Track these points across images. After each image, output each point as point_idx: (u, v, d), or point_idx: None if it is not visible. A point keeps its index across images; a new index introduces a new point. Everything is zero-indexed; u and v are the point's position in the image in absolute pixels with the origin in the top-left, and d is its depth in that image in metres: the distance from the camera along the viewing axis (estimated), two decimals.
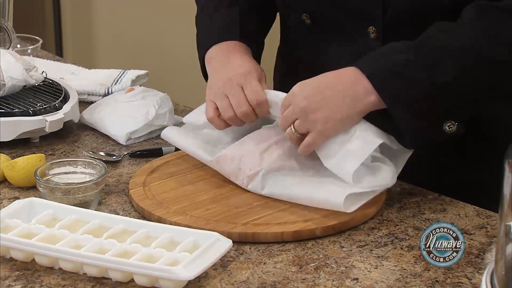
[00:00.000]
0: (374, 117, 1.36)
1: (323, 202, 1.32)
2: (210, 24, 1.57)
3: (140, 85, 1.80)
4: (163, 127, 1.65)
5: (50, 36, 3.66)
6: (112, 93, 1.79)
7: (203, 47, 1.55)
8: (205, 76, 1.54)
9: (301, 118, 1.35)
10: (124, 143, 1.61)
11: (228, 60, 1.49)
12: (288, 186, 1.36)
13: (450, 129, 1.35)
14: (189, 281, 1.14)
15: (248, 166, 1.38)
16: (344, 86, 1.35)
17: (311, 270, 1.20)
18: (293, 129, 1.36)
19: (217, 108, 1.44)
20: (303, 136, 1.36)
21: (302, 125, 1.35)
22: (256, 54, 1.56)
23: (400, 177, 1.40)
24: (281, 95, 1.40)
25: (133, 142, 1.62)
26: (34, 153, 1.53)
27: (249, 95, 1.42)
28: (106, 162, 1.47)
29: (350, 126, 1.35)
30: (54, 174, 1.39)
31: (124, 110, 1.66)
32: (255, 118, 1.44)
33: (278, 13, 1.64)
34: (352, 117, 1.35)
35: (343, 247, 1.26)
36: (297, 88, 1.37)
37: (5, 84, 1.60)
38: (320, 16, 1.50)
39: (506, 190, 0.94)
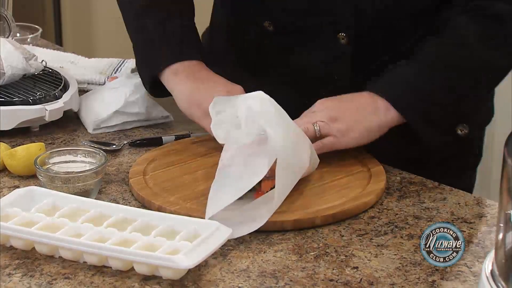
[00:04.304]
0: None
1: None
2: (165, 34, 1.54)
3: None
4: (138, 116, 1.62)
5: (50, 25, 3.65)
6: None
7: (165, 60, 1.51)
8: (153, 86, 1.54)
9: (325, 121, 1.39)
10: (91, 132, 1.60)
11: (204, 77, 1.49)
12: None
13: (462, 132, 1.51)
14: (189, 270, 1.14)
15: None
16: (364, 101, 1.42)
17: (311, 258, 1.20)
18: (317, 126, 1.38)
19: None
20: (322, 136, 1.39)
21: (325, 127, 1.39)
22: None
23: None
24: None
25: (105, 131, 1.61)
26: (34, 142, 1.53)
27: None
28: (106, 151, 1.47)
29: (370, 139, 1.41)
30: (54, 163, 1.39)
31: (102, 98, 1.65)
32: None
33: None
34: (372, 130, 1.41)
35: (343, 236, 1.26)
36: (318, 103, 1.42)
37: (4, 73, 1.60)
38: (284, 23, 1.52)
39: (505, 179, 0.94)
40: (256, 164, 1.27)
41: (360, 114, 1.41)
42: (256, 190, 1.31)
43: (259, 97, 1.32)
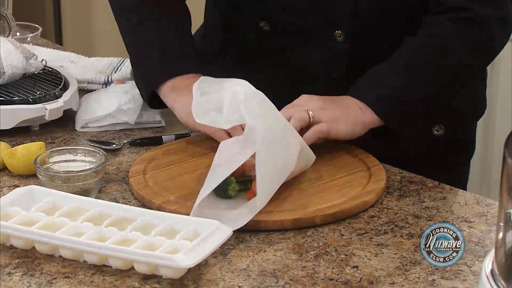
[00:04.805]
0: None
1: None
2: (162, 50, 1.54)
3: None
4: (127, 125, 1.62)
5: (50, 24, 3.65)
6: (112, 81, 1.79)
7: (162, 76, 1.52)
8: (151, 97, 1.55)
9: (314, 110, 1.40)
10: (77, 129, 1.61)
11: None
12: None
13: (438, 132, 1.56)
14: (189, 269, 1.14)
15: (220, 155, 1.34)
16: (346, 102, 1.44)
17: (311, 258, 1.20)
18: (311, 112, 1.40)
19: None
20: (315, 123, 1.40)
21: (318, 113, 1.40)
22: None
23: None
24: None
25: (92, 131, 1.60)
26: (34, 141, 1.53)
27: None
28: (106, 150, 1.47)
29: (356, 134, 1.43)
30: (54, 162, 1.39)
31: (100, 99, 1.65)
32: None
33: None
34: (358, 124, 1.43)
35: (343, 235, 1.26)
36: (301, 98, 1.44)
37: (4, 72, 1.60)
38: (284, 23, 1.52)
39: (505, 178, 0.94)
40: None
41: (345, 109, 1.43)
42: (248, 190, 1.32)
43: (245, 86, 1.32)
